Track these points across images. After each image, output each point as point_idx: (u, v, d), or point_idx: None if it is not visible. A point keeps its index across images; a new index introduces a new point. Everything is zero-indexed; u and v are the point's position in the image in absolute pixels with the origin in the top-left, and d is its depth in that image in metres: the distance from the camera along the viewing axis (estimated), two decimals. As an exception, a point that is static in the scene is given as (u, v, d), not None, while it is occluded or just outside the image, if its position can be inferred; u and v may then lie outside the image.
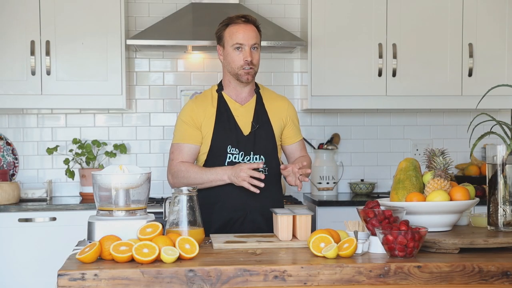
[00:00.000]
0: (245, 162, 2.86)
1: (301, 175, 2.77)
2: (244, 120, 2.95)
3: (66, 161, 4.37)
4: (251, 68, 2.91)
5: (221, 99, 2.97)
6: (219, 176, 2.83)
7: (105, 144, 4.49)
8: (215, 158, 2.93)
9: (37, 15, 4.11)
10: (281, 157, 3.11)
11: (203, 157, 2.97)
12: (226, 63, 2.95)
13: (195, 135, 2.94)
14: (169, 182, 2.97)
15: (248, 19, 2.92)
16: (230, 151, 2.91)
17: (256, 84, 3.07)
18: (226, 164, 2.91)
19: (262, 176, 2.78)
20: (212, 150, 2.93)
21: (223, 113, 2.94)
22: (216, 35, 2.98)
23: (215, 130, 2.92)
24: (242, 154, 2.91)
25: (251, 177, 2.74)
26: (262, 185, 2.75)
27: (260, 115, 2.98)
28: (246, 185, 2.75)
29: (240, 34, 2.88)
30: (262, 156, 2.93)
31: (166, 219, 2.41)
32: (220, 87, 3.01)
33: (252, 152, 2.91)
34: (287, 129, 3.05)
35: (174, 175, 2.93)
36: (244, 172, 2.74)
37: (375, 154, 4.73)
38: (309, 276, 2.04)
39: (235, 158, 2.91)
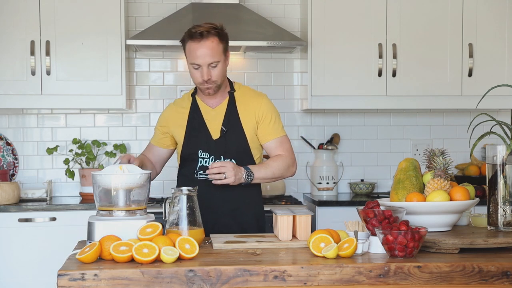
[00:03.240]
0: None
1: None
2: (215, 124, 2.93)
3: (66, 161, 4.37)
4: (210, 84, 2.86)
5: (194, 103, 2.98)
6: None
7: (105, 144, 4.49)
8: (187, 162, 2.97)
9: (37, 15, 4.11)
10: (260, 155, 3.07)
11: (179, 161, 3.05)
12: (191, 77, 2.94)
13: (162, 139, 3.05)
14: None
15: (204, 35, 2.80)
16: (201, 155, 2.92)
17: (232, 85, 3.01)
18: (197, 167, 2.92)
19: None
20: (184, 155, 2.97)
21: (195, 117, 2.95)
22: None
23: (186, 135, 2.96)
24: (212, 158, 2.91)
25: None
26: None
27: (231, 118, 2.93)
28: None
29: (196, 53, 2.81)
30: (233, 160, 2.90)
31: (166, 219, 2.41)
32: (195, 91, 3.01)
33: (222, 157, 2.90)
34: (260, 127, 2.95)
35: None
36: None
37: (375, 154, 4.73)
38: (309, 276, 2.04)
39: (205, 162, 2.92)
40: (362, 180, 4.63)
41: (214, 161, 2.89)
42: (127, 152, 4.51)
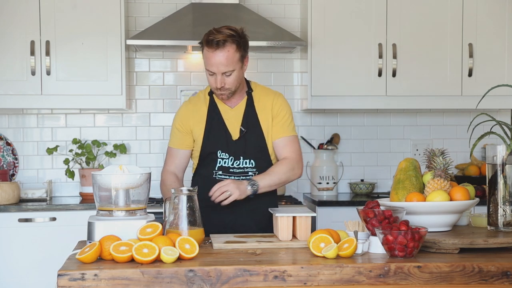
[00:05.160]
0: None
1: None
2: (234, 124, 2.93)
3: (66, 161, 4.37)
4: (223, 91, 2.85)
5: (212, 102, 2.96)
6: None
7: (105, 144, 4.49)
8: (206, 162, 2.95)
9: (37, 15, 4.11)
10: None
11: (195, 161, 3.00)
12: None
13: (186, 140, 2.97)
14: (160, 186, 3.08)
15: (220, 44, 2.74)
16: (220, 155, 2.91)
17: (249, 85, 3.00)
18: (216, 168, 2.92)
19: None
20: (203, 154, 2.95)
21: (214, 117, 2.94)
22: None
23: (206, 134, 2.93)
24: (232, 158, 2.91)
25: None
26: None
27: (249, 118, 2.93)
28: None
29: (211, 61, 2.78)
30: (252, 161, 2.91)
31: (166, 219, 2.41)
32: (212, 90, 2.98)
33: (242, 157, 2.91)
34: (273, 124, 2.95)
35: (161, 184, 3.04)
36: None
37: (375, 154, 4.73)
38: (309, 276, 2.04)
39: (225, 162, 2.91)
40: (362, 180, 4.63)
41: (234, 162, 2.90)
42: (127, 152, 4.51)
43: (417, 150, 4.70)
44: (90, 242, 2.24)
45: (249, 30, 4.20)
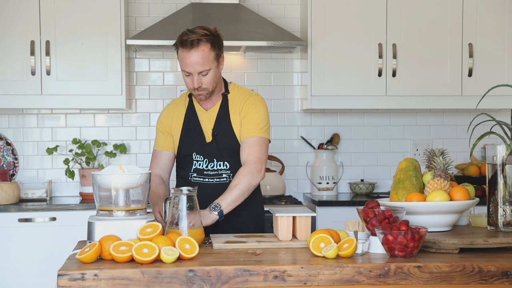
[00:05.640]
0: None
1: None
2: (208, 126, 2.91)
3: (66, 161, 4.37)
4: (200, 91, 2.84)
5: (190, 104, 2.96)
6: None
7: (105, 144, 4.49)
8: (183, 164, 2.94)
9: (37, 15, 4.11)
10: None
11: (176, 161, 3.01)
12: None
13: (168, 141, 2.97)
14: None
15: (194, 43, 2.72)
16: (195, 157, 2.90)
17: (227, 87, 2.95)
18: (192, 170, 2.90)
19: None
20: (180, 156, 2.95)
21: (191, 119, 2.93)
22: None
23: (182, 136, 2.93)
24: (206, 161, 2.89)
25: None
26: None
27: (222, 121, 2.90)
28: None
29: (186, 61, 2.77)
30: (226, 163, 2.88)
31: (166, 219, 2.41)
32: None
33: (215, 159, 2.88)
34: (241, 124, 2.89)
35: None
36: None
37: (375, 154, 4.73)
38: (309, 276, 2.04)
39: (199, 165, 2.90)
40: (362, 180, 4.63)
41: (208, 164, 2.88)
42: (127, 152, 4.51)
43: (417, 150, 4.70)
44: (90, 242, 2.24)
45: (249, 30, 4.23)
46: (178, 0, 4.51)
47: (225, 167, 2.89)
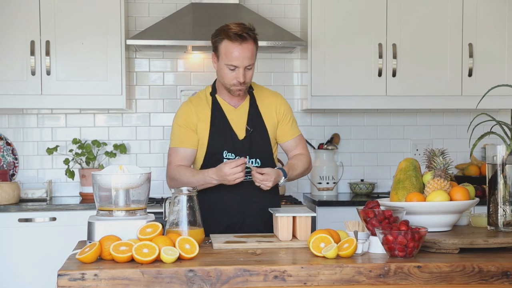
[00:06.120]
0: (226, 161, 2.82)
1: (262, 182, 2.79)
2: (239, 124, 2.92)
3: (66, 161, 4.37)
4: (243, 86, 2.86)
5: (215, 102, 2.95)
6: (207, 180, 2.81)
7: (105, 144, 4.49)
8: (211, 163, 2.91)
9: (37, 15, 4.11)
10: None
11: (199, 161, 2.96)
12: (219, 75, 2.90)
13: (191, 138, 2.92)
14: (168, 185, 2.98)
15: (245, 37, 2.79)
16: (226, 156, 2.90)
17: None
18: None
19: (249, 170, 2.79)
20: (208, 155, 2.92)
21: (218, 117, 2.92)
22: (211, 40, 2.90)
23: (211, 135, 2.91)
24: (238, 158, 2.89)
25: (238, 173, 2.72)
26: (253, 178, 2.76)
27: (254, 117, 2.94)
28: (238, 180, 2.72)
29: (235, 55, 2.78)
30: (258, 160, 2.92)
31: (166, 219, 2.42)
32: (213, 90, 2.98)
33: (248, 156, 2.89)
34: (280, 126, 3.01)
35: (171, 179, 2.93)
36: (228, 171, 2.71)
37: (375, 154, 4.73)
38: (309, 276, 2.04)
39: None
40: (362, 180, 4.63)
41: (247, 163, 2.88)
42: (127, 152, 4.51)
43: (417, 150, 4.70)
44: (90, 242, 2.24)
45: (249, 30, 4.23)
46: (178, 0, 4.51)
47: (257, 164, 2.92)
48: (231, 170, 2.70)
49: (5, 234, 3.89)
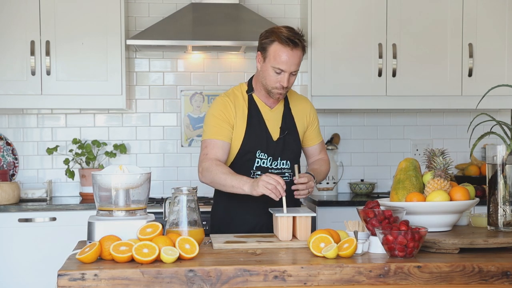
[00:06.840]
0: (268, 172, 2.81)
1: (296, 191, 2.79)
2: (273, 125, 2.92)
3: (66, 161, 4.37)
4: (284, 90, 2.85)
5: (251, 101, 2.93)
6: (241, 184, 2.69)
7: (105, 144, 4.49)
8: (243, 161, 2.88)
9: (37, 15, 4.11)
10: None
11: (231, 158, 2.91)
12: (261, 76, 2.87)
13: (228, 130, 2.86)
14: (200, 179, 2.87)
15: (296, 43, 2.79)
16: (259, 155, 2.89)
17: None
18: (254, 168, 2.88)
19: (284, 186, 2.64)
20: (241, 153, 2.89)
21: (254, 116, 2.91)
22: (259, 41, 2.87)
23: (247, 133, 2.88)
24: (270, 159, 2.89)
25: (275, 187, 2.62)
26: (284, 194, 2.61)
27: (288, 119, 2.96)
28: (267, 192, 2.60)
29: (284, 59, 2.78)
30: (288, 161, 2.93)
31: (166, 219, 2.42)
32: (250, 88, 2.95)
33: (279, 158, 2.91)
34: (309, 131, 3.05)
35: (204, 170, 2.82)
36: (266, 178, 2.60)
37: (375, 154, 4.73)
38: (309, 276, 2.04)
39: (263, 162, 2.88)
40: (362, 180, 4.63)
41: (272, 162, 2.88)
42: (127, 152, 4.51)
43: (417, 150, 4.70)
44: (90, 242, 2.24)
45: (249, 30, 4.23)
46: (178, 0, 4.51)
47: (287, 166, 2.93)
48: (268, 178, 2.60)
49: (5, 234, 3.89)
